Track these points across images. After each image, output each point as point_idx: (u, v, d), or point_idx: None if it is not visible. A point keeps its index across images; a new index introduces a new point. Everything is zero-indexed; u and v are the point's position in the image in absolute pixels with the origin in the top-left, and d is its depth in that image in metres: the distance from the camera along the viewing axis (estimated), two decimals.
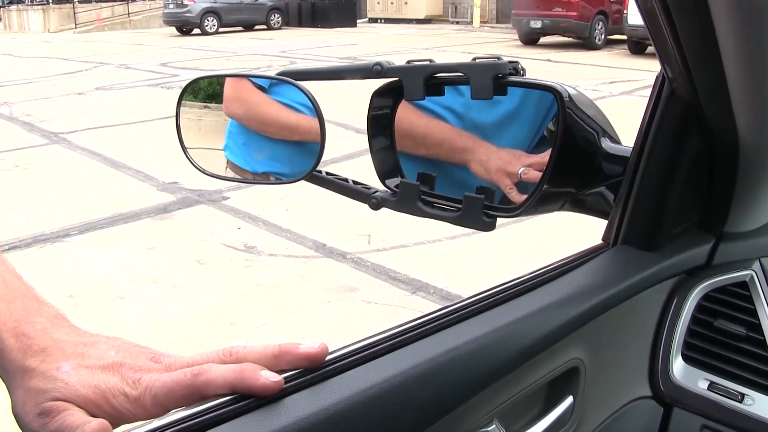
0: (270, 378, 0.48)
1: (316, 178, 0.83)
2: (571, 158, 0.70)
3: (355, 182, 0.83)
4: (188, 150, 0.88)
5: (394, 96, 0.78)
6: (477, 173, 0.76)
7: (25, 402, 0.47)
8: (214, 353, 0.51)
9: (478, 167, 0.76)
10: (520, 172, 0.72)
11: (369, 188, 0.82)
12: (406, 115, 0.79)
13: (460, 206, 0.73)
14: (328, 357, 0.54)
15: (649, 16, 0.62)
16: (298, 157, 0.85)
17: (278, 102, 0.87)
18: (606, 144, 0.75)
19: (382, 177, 0.80)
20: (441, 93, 0.75)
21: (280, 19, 22.50)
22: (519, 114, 0.73)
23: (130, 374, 0.48)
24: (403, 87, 0.73)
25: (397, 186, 0.78)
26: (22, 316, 0.50)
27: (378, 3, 24.66)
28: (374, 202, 0.79)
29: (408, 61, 0.74)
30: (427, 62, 0.72)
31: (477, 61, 0.69)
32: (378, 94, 0.78)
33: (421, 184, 0.77)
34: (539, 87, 0.70)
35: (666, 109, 0.72)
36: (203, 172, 0.89)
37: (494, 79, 0.67)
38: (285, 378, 0.50)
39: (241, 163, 0.92)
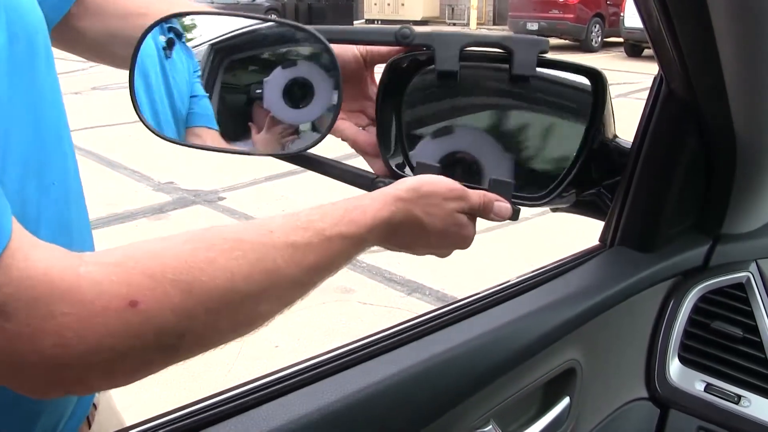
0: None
1: (310, 161, 0.71)
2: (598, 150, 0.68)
3: (355, 168, 0.70)
4: (141, 106, 0.67)
5: (412, 70, 0.68)
6: None
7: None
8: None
9: None
10: None
11: (370, 173, 0.70)
12: None
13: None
14: (324, 357, 0.54)
15: (647, 17, 0.62)
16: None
17: None
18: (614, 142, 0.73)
19: (390, 159, 0.69)
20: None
21: None
22: None
23: None
24: (429, 58, 0.65)
25: (409, 169, 0.68)
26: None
27: (375, 4, 24.70)
28: (380, 187, 0.63)
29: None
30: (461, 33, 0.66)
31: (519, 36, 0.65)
32: (393, 64, 0.66)
33: (444, 168, 0.65)
34: (577, 69, 0.65)
35: (663, 110, 0.72)
36: (158, 135, 0.69)
37: (539, 54, 0.63)
38: (280, 378, 0.50)
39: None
